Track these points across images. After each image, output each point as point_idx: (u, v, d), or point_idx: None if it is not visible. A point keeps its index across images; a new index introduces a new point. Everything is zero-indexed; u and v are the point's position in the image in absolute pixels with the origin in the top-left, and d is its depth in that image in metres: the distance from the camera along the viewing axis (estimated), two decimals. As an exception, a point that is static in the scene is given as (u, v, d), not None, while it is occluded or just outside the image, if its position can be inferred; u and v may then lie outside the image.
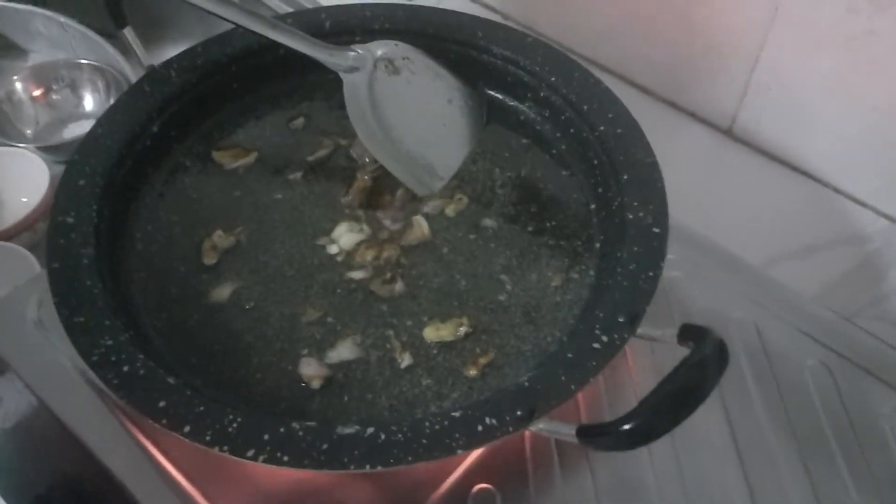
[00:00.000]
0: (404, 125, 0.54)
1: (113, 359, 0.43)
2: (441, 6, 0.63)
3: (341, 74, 0.54)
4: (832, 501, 0.48)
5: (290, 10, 0.83)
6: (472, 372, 0.48)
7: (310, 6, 0.83)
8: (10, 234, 0.67)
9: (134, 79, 0.72)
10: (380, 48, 0.55)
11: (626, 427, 0.37)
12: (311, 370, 0.47)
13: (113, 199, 0.51)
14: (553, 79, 0.58)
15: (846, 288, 0.63)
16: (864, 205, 0.71)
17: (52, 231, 0.48)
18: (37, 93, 0.83)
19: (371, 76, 0.54)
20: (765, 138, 0.75)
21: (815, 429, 0.51)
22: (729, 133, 0.78)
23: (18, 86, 0.82)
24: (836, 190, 0.72)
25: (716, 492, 0.48)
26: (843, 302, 0.61)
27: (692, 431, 0.50)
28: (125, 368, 0.42)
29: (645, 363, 0.52)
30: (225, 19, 0.51)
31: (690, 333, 0.41)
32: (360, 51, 0.54)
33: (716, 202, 0.68)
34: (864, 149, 0.68)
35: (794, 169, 0.74)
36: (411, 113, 0.55)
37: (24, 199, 0.71)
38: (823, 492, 0.48)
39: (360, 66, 0.54)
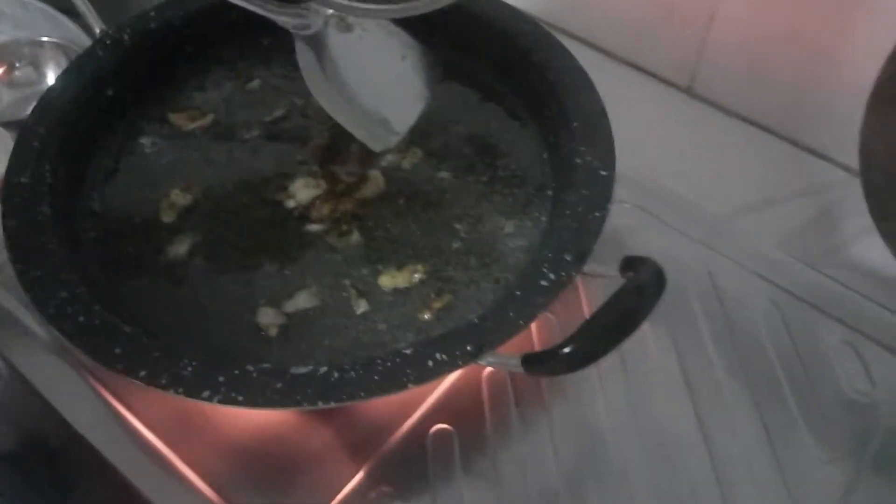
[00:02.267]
0: (358, 81, 0.54)
1: (69, 310, 0.43)
2: (390, -36, 0.64)
3: (293, 32, 0.54)
4: (781, 432, 0.49)
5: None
6: (427, 316, 0.49)
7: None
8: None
9: (88, 41, 0.72)
10: (329, 4, 0.56)
11: (567, 350, 0.38)
12: (267, 318, 0.48)
13: (67, 160, 0.52)
14: (500, 30, 0.59)
15: (805, 238, 0.64)
16: (822, 156, 0.72)
17: (6, 191, 0.48)
18: (-1, 72, 0.83)
19: (323, 33, 0.54)
20: (724, 95, 0.77)
21: (764, 364, 0.52)
22: (689, 91, 0.79)
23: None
24: (794, 142, 0.73)
25: (667, 426, 0.50)
26: (802, 251, 0.62)
27: (644, 370, 0.52)
28: (81, 319, 0.43)
29: (598, 300, 0.53)
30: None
31: (631, 264, 0.42)
32: (311, 7, 0.55)
33: (677, 159, 0.69)
34: (819, 101, 0.69)
35: (753, 124, 0.75)
36: (365, 69, 0.55)
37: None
38: (772, 423, 0.50)
39: (311, 23, 0.54)
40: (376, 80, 0.55)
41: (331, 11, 0.55)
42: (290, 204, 0.54)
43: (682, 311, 0.55)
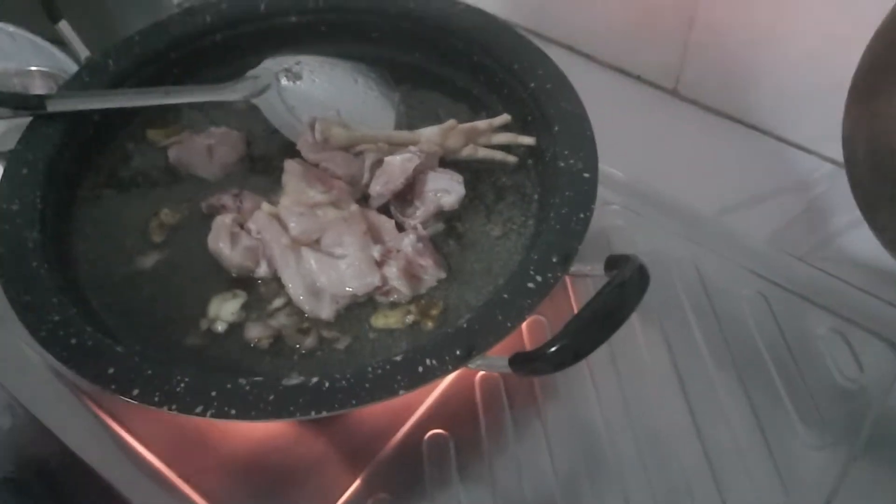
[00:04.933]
0: (322, 114, 0.57)
1: (61, 333, 0.44)
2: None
3: (253, 101, 0.57)
4: (772, 421, 0.50)
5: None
6: (426, 324, 0.49)
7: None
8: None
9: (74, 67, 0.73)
10: (273, 65, 0.59)
11: (553, 349, 0.38)
12: (256, 332, 0.49)
13: (56, 185, 0.53)
14: (483, 42, 0.60)
15: (794, 233, 0.65)
16: (807, 151, 0.73)
17: (-4, 218, 0.49)
18: (-11, 102, 0.84)
19: (279, 90, 0.58)
20: (709, 95, 0.77)
21: (754, 354, 0.53)
22: (674, 93, 0.80)
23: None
24: (780, 139, 0.74)
25: (660, 420, 0.50)
26: (792, 246, 0.63)
27: (635, 366, 0.52)
28: (73, 341, 0.44)
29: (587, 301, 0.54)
30: (122, 107, 0.56)
31: (615, 262, 0.43)
32: (258, 75, 0.58)
33: (666, 160, 0.70)
34: (802, 96, 0.70)
35: (739, 122, 0.76)
36: (328, 105, 0.58)
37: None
38: (763, 411, 0.50)
39: (263, 87, 0.57)
40: (343, 110, 0.58)
41: (277, 68, 0.59)
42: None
43: (671, 307, 0.55)
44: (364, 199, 0.54)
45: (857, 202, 0.56)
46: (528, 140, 0.57)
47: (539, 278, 0.45)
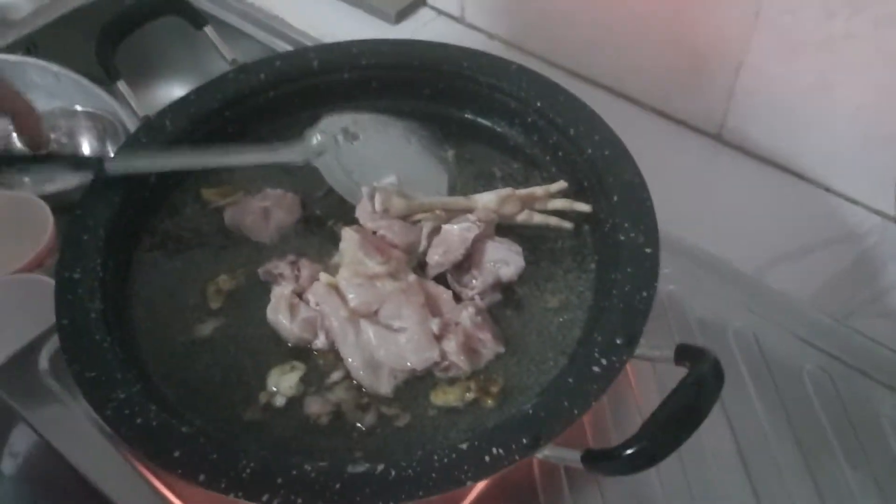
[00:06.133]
0: (377, 175, 0.57)
1: (126, 412, 0.44)
2: (427, 28, 0.65)
3: (313, 162, 0.57)
4: (836, 502, 0.49)
5: (282, 43, 0.84)
6: (490, 402, 0.49)
7: (299, 38, 0.84)
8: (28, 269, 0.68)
9: (129, 125, 0.74)
10: (330, 125, 0.59)
11: (630, 451, 0.38)
12: (316, 407, 0.48)
13: (115, 250, 0.53)
14: (539, 103, 0.59)
15: (843, 286, 0.64)
16: (855, 202, 0.72)
17: (59, 287, 0.49)
18: (35, 142, 0.84)
19: (337, 152, 0.58)
20: (754, 141, 0.77)
21: (817, 432, 0.52)
22: (718, 138, 0.79)
23: (15, 136, 0.83)
24: (828, 189, 0.73)
25: (724, 501, 0.49)
26: (841, 300, 0.62)
27: (698, 443, 0.51)
28: (138, 421, 0.44)
29: (647, 381, 0.53)
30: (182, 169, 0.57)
31: (686, 354, 0.42)
32: (319, 136, 0.58)
33: (709, 207, 0.69)
34: (851, 147, 0.69)
35: (785, 170, 0.76)
36: (383, 167, 0.58)
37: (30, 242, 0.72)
38: (828, 493, 0.49)
39: (324, 149, 0.57)
40: (394, 168, 0.58)
41: (336, 128, 0.59)
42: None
43: (732, 380, 0.54)
44: (420, 268, 0.54)
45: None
46: (584, 207, 0.56)
47: (604, 361, 0.45)
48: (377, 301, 0.51)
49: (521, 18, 0.85)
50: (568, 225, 0.57)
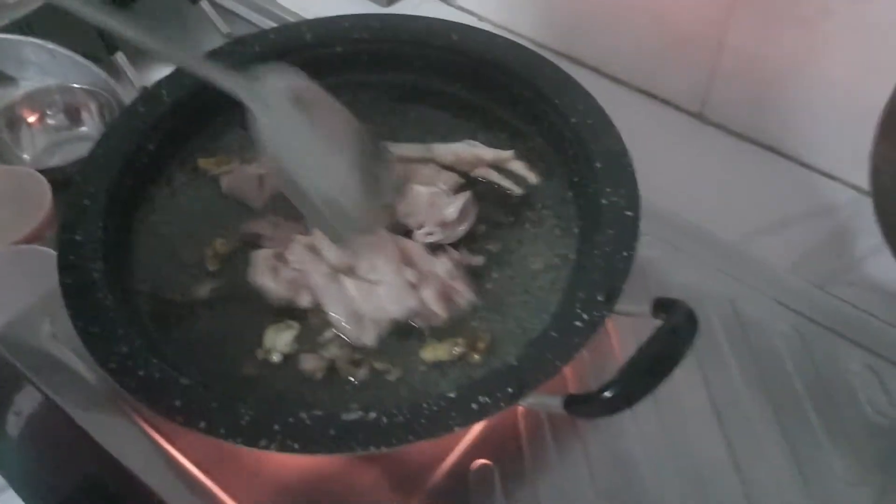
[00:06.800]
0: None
1: (129, 364, 0.46)
2: (418, 11, 0.66)
3: (253, 109, 0.51)
4: (808, 455, 0.51)
5: (274, 24, 0.85)
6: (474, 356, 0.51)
7: (292, 20, 0.86)
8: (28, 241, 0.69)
9: (125, 100, 0.75)
10: (285, 77, 0.53)
11: (608, 394, 0.40)
12: (310, 364, 0.50)
13: (116, 215, 0.55)
14: (525, 75, 0.61)
15: (819, 258, 0.66)
16: (832, 177, 0.74)
17: (62, 249, 0.51)
18: (32, 118, 0.86)
19: (281, 119, 0.52)
20: (734, 119, 0.79)
21: (789, 390, 0.54)
22: (700, 116, 0.81)
23: (13, 113, 0.85)
24: (805, 165, 0.76)
25: (699, 454, 0.52)
26: (817, 271, 0.64)
27: (674, 400, 0.54)
28: (140, 373, 0.46)
29: (626, 336, 0.56)
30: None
31: (662, 306, 0.44)
32: (271, 79, 0.52)
33: (691, 184, 0.71)
34: (828, 123, 0.71)
35: (764, 147, 0.78)
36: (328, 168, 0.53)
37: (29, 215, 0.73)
38: (799, 447, 0.52)
39: (270, 101, 0.51)
40: (334, 174, 0.53)
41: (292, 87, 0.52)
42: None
43: (708, 341, 0.57)
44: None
45: (881, 230, 0.58)
46: (533, 178, 0.60)
47: (586, 316, 0.47)
48: (351, 254, 0.53)
49: (509, 1, 0.87)
50: (518, 190, 0.59)
